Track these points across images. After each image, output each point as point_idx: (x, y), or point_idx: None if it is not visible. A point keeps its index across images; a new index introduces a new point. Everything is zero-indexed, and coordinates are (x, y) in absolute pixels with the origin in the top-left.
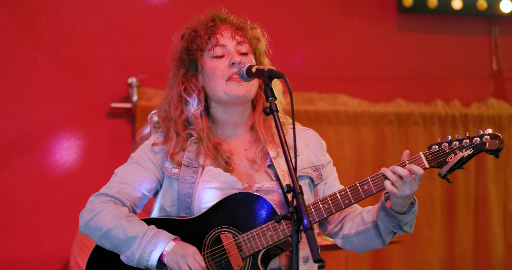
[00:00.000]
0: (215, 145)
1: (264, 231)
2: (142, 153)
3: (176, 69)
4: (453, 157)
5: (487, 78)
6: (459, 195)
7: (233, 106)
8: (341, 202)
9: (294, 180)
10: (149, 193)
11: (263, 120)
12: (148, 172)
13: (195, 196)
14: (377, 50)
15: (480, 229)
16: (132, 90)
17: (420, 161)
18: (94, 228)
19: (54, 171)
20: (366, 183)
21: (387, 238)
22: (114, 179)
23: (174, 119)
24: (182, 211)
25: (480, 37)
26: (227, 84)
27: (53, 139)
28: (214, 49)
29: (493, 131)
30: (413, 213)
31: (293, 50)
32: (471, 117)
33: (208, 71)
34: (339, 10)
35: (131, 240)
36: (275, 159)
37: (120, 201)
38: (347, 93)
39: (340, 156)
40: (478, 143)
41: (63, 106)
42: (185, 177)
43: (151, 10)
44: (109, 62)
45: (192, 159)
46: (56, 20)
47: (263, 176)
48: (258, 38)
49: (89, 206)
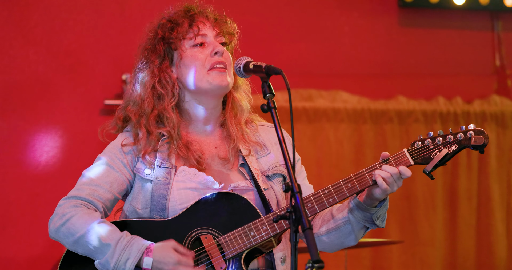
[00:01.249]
0: (186, 144)
1: (246, 231)
2: (111, 153)
3: (150, 59)
4: (437, 153)
5: (489, 75)
6: (461, 194)
7: (210, 98)
8: (325, 201)
9: (292, 178)
10: (119, 195)
11: (234, 117)
12: (118, 173)
13: (170, 197)
14: (377, 46)
15: (483, 229)
16: (126, 86)
17: (404, 157)
18: (66, 234)
19: (46, 170)
20: (350, 181)
21: (359, 234)
22: (82, 181)
23: (146, 115)
24: (155, 213)
25: (483, 32)
26: (209, 74)
27: (45, 137)
28: (196, 37)
29: (475, 126)
30: (385, 207)
31: (290, 46)
32: (474, 115)
33: (188, 60)
34: (338, 4)
35: (105, 247)
36: (247, 157)
37: (92, 204)
38: (347, 90)
39: (340, 155)
40: (463, 139)
41: (56, 103)
42: (158, 178)
43: (145, 4)
44: (102, 58)
45: (164, 159)
46: (48, 15)
47: (236, 175)
48: (233, 33)
49: (60, 211)
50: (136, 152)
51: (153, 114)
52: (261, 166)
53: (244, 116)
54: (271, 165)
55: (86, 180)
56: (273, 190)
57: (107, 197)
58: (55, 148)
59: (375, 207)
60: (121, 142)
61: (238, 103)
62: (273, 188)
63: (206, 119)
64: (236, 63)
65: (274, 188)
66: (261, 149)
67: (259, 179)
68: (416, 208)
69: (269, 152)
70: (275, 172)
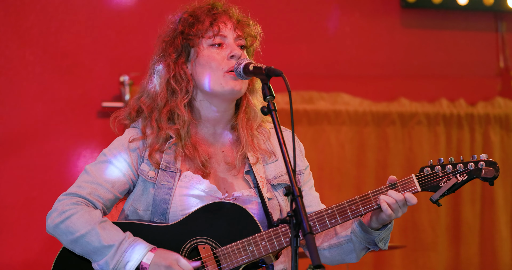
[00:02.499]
0: (194, 144)
1: (245, 245)
2: (116, 151)
3: (167, 52)
4: (446, 182)
5: (494, 76)
6: (464, 197)
7: (222, 101)
8: (327, 222)
9: (293, 182)
10: (121, 195)
11: (246, 121)
12: (122, 173)
13: (172, 202)
14: (379, 47)
15: (487, 234)
16: (124, 88)
17: (412, 184)
18: (65, 231)
19: (42, 173)
20: (354, 202)
21: (360, 253)
22: (85, 177)
23: (159, 109)
24: (156, 216)
25: (487, 33)
26: (224, 76)
27: (42, 139)
28: (215, 37)
29: (487, 157)
30: (389, 230)
31: (291, 47)
32: (477, 117)
33: (203, 59)
34: (339, 5)
35: (106, 249)
36: (254, 165)
37: (92, 203)
38: (348, 92)
39: (341, 158)
40: (473, 169)
41: (52, 105)
42: (162, 182)
43: (143, 5)
44: (100, 59)
45: (170, 162)
46: (45, 16)
47: (241, 183)
48: (255, 36)
49: (60, 207)
50: (142, 150)
51: (166, 109)
52: (267, 174)
53: (257, 121)
54: (277, 173)
55: (88, 177)
56: (277, 200)
57: (108, 197)
58: (52, 152)
59: (379, 230)
60: (129, 138)
61: (252, 108)
62: (277, 198)
63: (216, 121)
64: (236, 65)
65: (278, 198)
66: (270, 157)
67: (264, 188)
68: (419, 212)
69: (277, 159)
70: (281, 181)
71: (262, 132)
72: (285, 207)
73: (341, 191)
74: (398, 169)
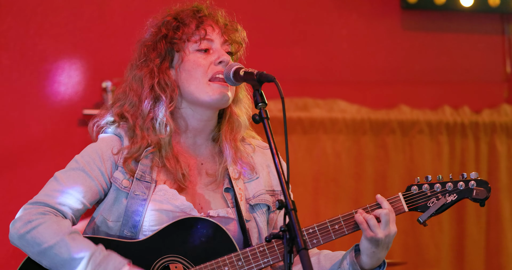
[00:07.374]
0: (176, 155)
1: (220, 266)
2: (90, 159)
3: (149, 58)
4: (435, 202)
5: (500, 82)
6: (469, 212)
7: (206, 109)
8: (308, 243)
9: (286, 195)
10: (90, 205)
11: (229, 132)
12: (94, 182)
13: (145, 215)
14: (378, 51)
15: (492, 249)
16: (106, 95)
17: (399, 203)
18: (31, 242)
19: (20, 185)
20: (337, 222)
21: None
22: (54, 185)
23: (143, 116)
24: (126, 229)
25: (493, 36)
26: (209, 84)
27: (18, 150)
28: (201, 41)
29: (477, 175)
30: None
31: (284, 51)
32: (482, 125)
33: (189, 65)
34: (336, 6)
35: (75, 261)
36: (235, 181)
37: (60, 213)
38: (345, 99)
39: (337, 168)
40: (464, 189)
41: (31, 113)
42: (136, 192)
43: (127, 6)
44: (81, 64)
45: (145, 172)
46: (22, 18)
47: (219, 201)
48: (241, 43)
49: (25, 217)
50: (118, 158)
51: (149, 117)
52: (247, 192)
53: (241, 133)
54: (256, 192)
55: (58, 185)
56: (256, 221)
57: (77, 207)
58: (30, 162)
59: None
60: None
61: (235, 118)
62: (255, 219)
63: (197, 131)
64: (225, 70)
65: (256, 219)
66: (251, 173)
67: (242, 207)
68: (421, 226)
69: (258, 177)
70: (259, 201)
71: (246, 146)
72: (263, 229)
73: (337, 204)
74: (398, 180)
